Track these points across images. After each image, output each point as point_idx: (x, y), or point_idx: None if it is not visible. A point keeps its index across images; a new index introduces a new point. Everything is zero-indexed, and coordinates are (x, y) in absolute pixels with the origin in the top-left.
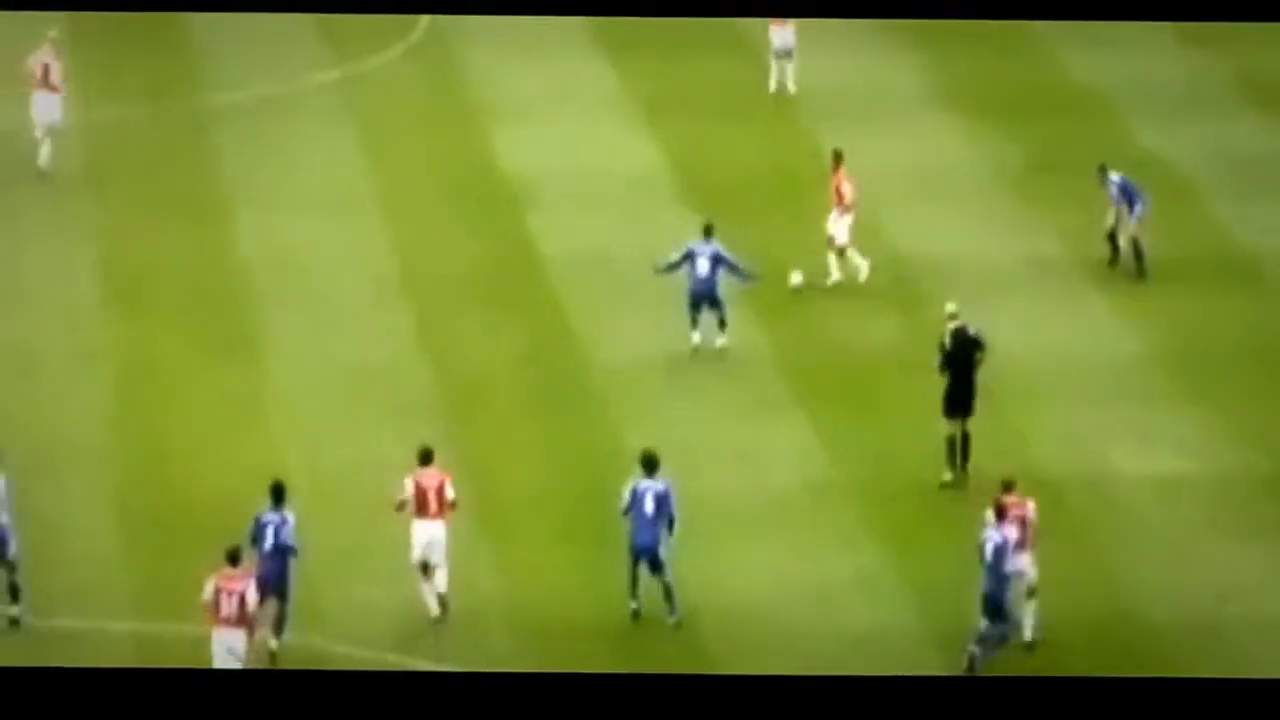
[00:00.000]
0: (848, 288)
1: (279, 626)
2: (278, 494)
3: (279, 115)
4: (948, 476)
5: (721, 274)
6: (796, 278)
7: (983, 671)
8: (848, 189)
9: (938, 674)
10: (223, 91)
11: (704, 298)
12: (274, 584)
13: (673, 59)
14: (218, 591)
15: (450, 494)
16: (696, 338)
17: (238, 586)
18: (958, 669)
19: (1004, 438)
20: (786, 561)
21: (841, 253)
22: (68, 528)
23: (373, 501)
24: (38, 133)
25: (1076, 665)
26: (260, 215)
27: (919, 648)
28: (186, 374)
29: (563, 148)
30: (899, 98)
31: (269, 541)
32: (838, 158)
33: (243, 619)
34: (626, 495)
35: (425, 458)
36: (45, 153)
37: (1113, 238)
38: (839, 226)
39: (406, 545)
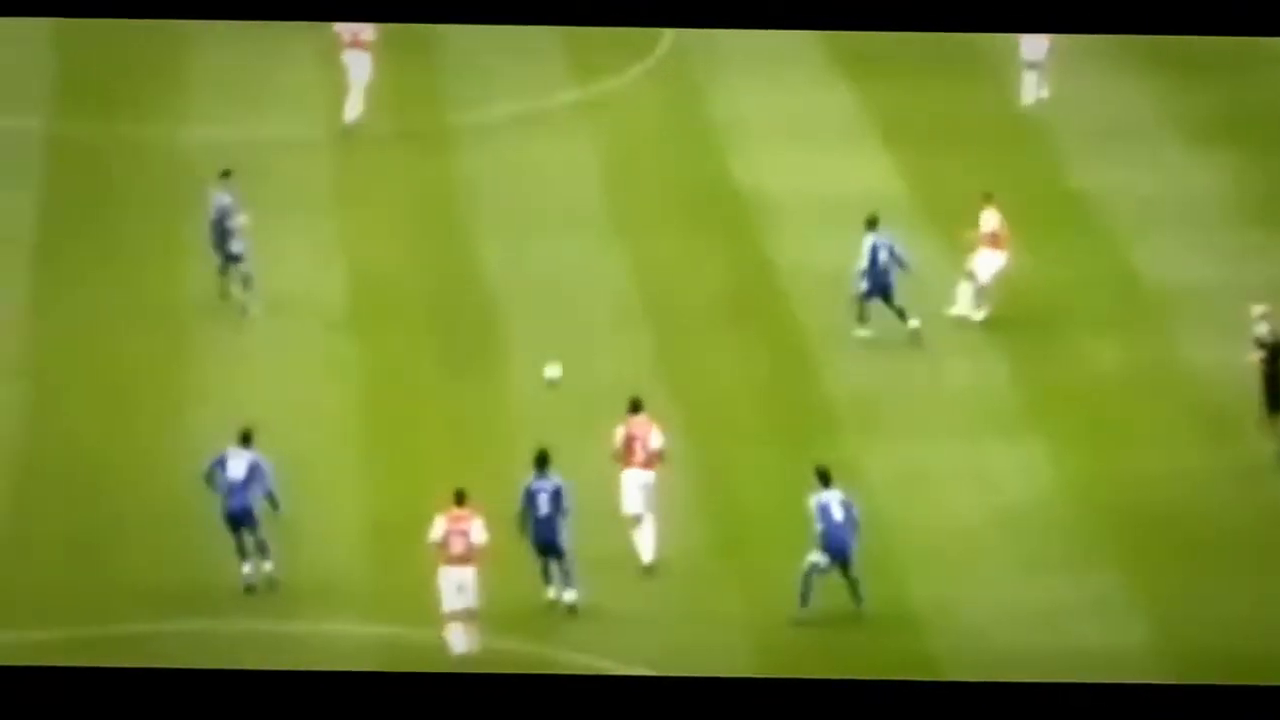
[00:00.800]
0: (1088, 313)
1: (567, 579)
2: (542, 462)
3: (523, 133)
4: None
5: (893, 265)
6: (553, 370)
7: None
8: (1003, 229)
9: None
10: (469, 109)
11: (880, 288)
12: (551, 548)
13: (911, 79)
14: (447, 532)
15: (655, 443)
16: (865, 333)
17: (465, 525)
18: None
19: None
20: (1017, 581)
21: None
22: (314, 534)
23: (611, 517)
24: (351, 94)
25: None
26: (503, 232)
27: (1153, 668)
28: (430, 387)
29: (801, 169)
30: (1139, 121)
31: (543, 509)
32: (987, 198)
33: (471, 556)
34: (814, 508)
35: (635, 407)
36: (353, 109)
37: None
38: (987, 263)
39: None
